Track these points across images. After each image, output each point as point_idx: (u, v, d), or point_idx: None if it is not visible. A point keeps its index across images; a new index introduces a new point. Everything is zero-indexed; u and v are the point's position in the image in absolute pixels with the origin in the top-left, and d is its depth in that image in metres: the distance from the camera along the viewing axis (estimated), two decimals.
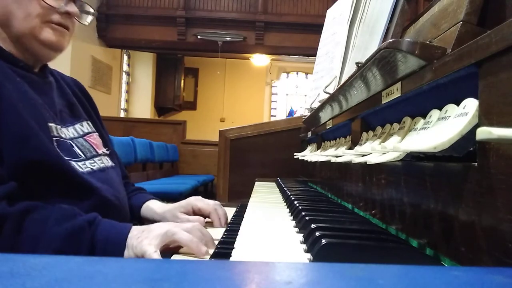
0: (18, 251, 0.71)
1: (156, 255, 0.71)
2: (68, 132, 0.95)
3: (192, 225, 0.79)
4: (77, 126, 1.00)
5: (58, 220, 0.75)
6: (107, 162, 1.03)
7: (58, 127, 0.91)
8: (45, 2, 0.88)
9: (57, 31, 0.91)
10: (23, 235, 0.72)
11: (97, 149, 1.01)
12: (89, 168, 0.94)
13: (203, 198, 1.10)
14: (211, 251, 0.74)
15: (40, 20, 0.89)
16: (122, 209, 0.98)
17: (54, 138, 0.88)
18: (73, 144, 0.94)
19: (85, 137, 1.00)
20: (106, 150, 1.07)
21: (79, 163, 0.91)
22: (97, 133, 1.07)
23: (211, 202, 1.09)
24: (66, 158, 0.87)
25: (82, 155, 0.95)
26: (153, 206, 1.11)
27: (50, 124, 0.88)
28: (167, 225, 0.78)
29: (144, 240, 0.74)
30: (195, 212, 1.07)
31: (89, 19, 1.03)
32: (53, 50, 0.93)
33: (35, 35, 0.89)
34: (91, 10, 1.03)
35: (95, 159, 0.99)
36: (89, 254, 0.74)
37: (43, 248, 0.72)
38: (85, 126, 1.03)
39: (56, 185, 0.84)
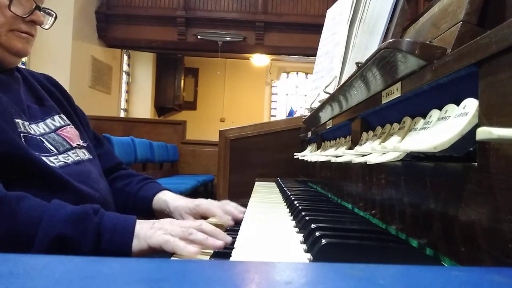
0: (16, 237, 0.69)
1: (179, 241, 0.69)
2: (38, 128, 0.95)
3: (190, 225, 0.76)
4: (48, 121, 1.00)
5: (59, 204, 0.74)
6: (83, 155, 1.02)
7: (26, 123, 0.91)
8: (11, 12, 0.89)
9: (23, 38, 0.93)
10: (21, 218, 0.69)
11: (71, 142, 1.00)
12: (62, 162, 0.93)
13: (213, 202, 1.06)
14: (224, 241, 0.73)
15: (6, 29, 0.90)
16: (104, 201, 0.96)
17: (22, 134, 0.87)
18: (43, 140, 0.93)
19: (57, 132, 0.99)
20: (83, 142, 1.05)
21: (51, 158, 0.91)
22: (71, 126, 1.06)
23: (220, 203, 1.06)
24: (37, 153, 0.86)
25: (54, 150, 0.94)
26: (166, 197, 1.08)
27: (17, 120, 0.88)
28: (177, 224, 0.76)
29: (157, 231, 0.72)
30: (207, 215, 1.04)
31: (48, 25, 1.04)
32: (19, 56, 0.95)
33: (1, 43, 0.91)
34: (54, 14, 1.04)
35: (69, 152, 0.98)
36: (95, 243, 0.71)
37: (43, 232, 0.68)
38: (57, 120, 1.02)
39: (27, 180, 0.82)
